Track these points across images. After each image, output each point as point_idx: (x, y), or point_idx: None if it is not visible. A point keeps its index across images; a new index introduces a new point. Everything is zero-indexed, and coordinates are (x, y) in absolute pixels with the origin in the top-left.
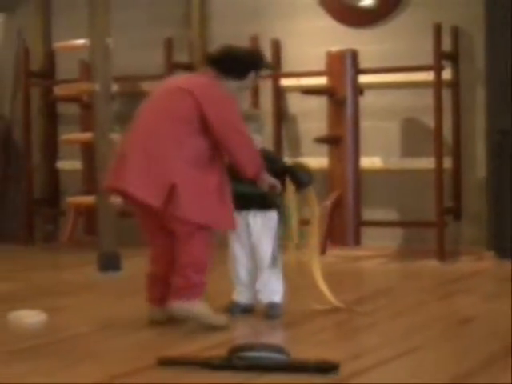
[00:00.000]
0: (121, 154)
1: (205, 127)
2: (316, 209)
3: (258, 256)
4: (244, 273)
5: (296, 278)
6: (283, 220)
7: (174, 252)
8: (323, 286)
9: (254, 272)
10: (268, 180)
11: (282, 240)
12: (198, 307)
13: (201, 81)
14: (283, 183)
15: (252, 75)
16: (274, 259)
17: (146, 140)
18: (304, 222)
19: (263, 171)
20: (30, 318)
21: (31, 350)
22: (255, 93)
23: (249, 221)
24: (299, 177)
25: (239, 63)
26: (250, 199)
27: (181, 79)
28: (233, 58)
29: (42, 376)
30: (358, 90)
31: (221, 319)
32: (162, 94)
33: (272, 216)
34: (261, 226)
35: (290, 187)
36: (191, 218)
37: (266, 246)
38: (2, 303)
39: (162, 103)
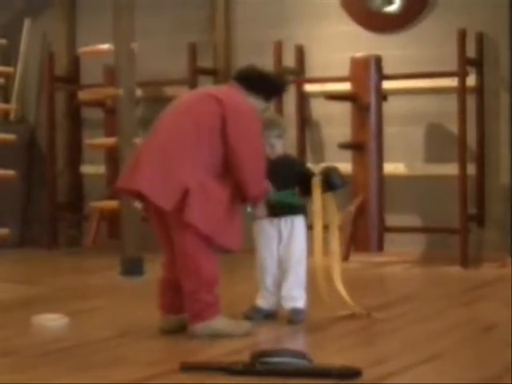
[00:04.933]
0: (138, 155)
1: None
2: (335, 214)
3: (285, 258)
4: (271, 281)
5: (320, 284)
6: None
7: (179, 266)
8: (342, 291)
9: (280, 280)
10: (261, 209)
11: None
12: (220, 323)
13: (231, 92)
14: (307, 187)
15: (274, 99)
16: (299, 264)
17: (167, 142)
18: (327, 227)
19: (263, 197)
20: (53, 321)
21: (54, 354)
22: (279, 98)
23: (280, 227)
24: (333, 179)
25: (269, 86)
26: (282, 207)
27: (211, 88)
28: (264, 79)
29: (65, 379)
30: (382, 95)
31: (243, 327)
32: (189, 99)
33: (299, 221)
34: (290, 231)
35: (317, 193)
36: (198, 226)
37: (294, 250)
38: (25, 307)
39: (189, 107)
